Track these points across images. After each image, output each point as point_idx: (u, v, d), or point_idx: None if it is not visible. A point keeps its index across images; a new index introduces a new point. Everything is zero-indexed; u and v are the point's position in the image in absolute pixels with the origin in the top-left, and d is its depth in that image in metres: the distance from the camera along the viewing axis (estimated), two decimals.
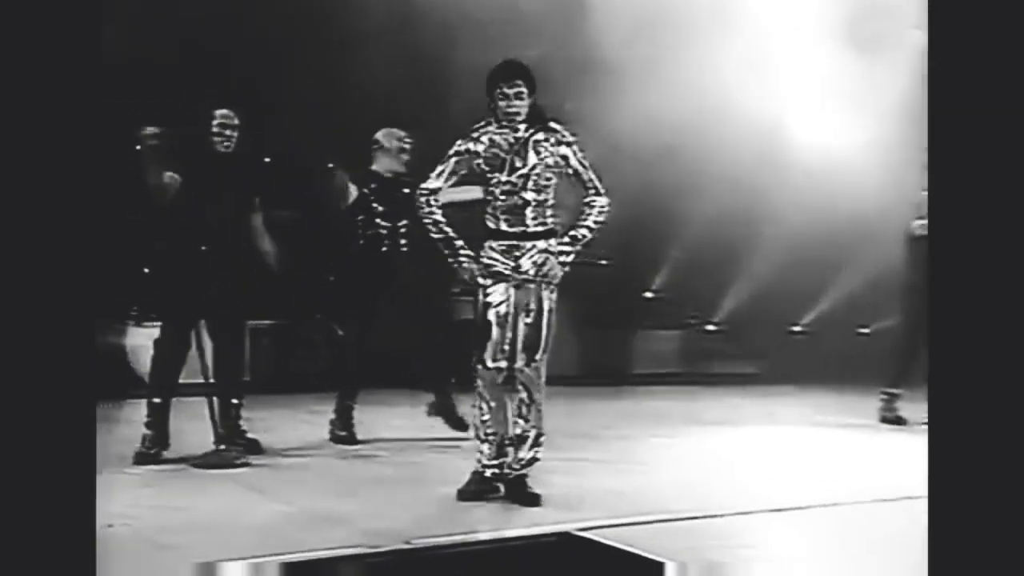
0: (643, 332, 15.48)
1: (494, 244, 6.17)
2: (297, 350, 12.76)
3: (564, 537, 5.19)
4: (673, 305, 15.71)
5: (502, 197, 6.14)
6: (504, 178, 6.12)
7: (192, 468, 7.07)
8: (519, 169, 6.14)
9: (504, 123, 6.13)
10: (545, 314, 6.18)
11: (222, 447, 7.31)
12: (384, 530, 5.34)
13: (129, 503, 5.97)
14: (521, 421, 6.23)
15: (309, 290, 12.55)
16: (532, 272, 6.11)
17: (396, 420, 9.57)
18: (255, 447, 7.72)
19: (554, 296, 6.21)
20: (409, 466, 7.37)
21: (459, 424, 8.50)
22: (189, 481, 6.80)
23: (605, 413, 11.19)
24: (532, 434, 6.26)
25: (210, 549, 4.89)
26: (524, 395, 6.22)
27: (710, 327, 15.99)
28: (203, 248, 7.43)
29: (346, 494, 6.33)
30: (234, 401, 7.60)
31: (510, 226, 6.14)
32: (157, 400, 7.54)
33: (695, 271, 15.22)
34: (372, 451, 8.00)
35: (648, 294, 15.84)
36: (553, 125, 6.19)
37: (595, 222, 6.15)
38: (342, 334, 11.01)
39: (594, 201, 6.20)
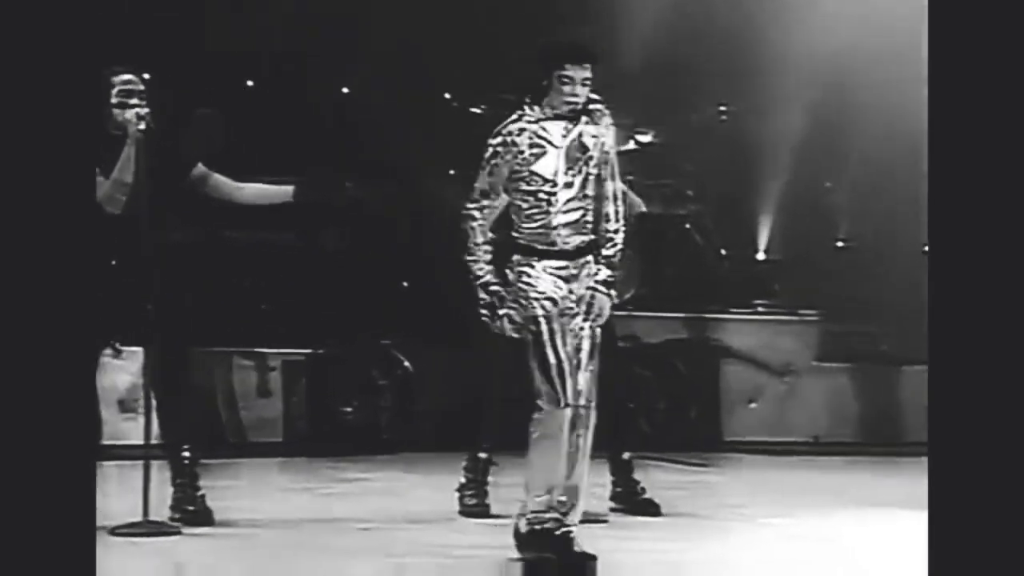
0: None
1: (548, 266, 6.21)
2: (347, 391, 11.95)
3: None
4: None
5: (563, 205, 6.19)
6: (565, 180, 6.17)
7: (110, 536, 6.86)
8: (577, 170, 6.20)
9: (559, 113, 6.18)
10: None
11: (177, 514, 7.30)
12: None
13: None
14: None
15: (371, 304, 12.31)
16: (582, 310, 6.27)
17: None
18: (205, 517, 7.41)
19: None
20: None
21: (650, 507, 8.03)
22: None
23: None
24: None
25: None
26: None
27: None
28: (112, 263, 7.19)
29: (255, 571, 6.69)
30: (185, 455, 7.38)
31: (565, 241, 6.23)
32: None
33: None
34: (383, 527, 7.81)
35: None
36: (594, 106, 6.28)
37: (624, 231, 6.36)
38: (409, 367, 11.79)
39: (622, 204, 6.40)
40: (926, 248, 14.36)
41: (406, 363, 11.71)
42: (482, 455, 7.94)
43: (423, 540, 7.17)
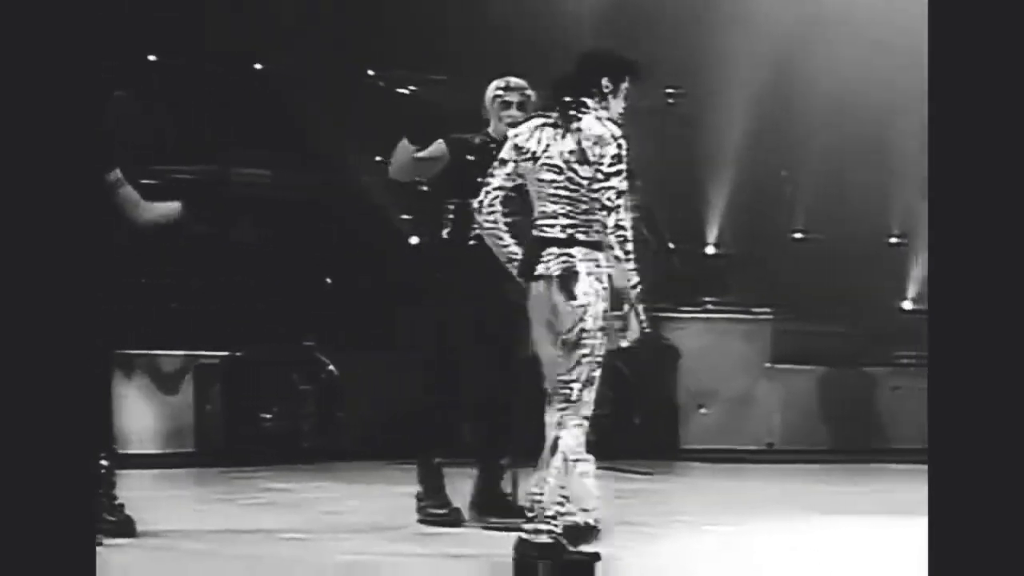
0: None
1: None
2: (266, 397, 11.83)
3: None
4: None
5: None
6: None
7: None
8: None
9: (612, 118, 6.58)
10: None
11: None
12: None
13: None
14: None
15: (292, 302, 12.30)
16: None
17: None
18: (126, 527, 7.65)
19: None
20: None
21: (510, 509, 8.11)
22: None
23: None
24: None
25: None
26: None
27: None
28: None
29: None
30: (102, 464, 7.63)
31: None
32: None
33: None
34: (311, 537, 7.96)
35: None
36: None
37: None
38: (334, 371, 11.83)
39: None
40: (891, 240, 14.56)
41: (330, 366, 11.71)
42: (435, 460, 7.97)
43: (354, 550, 7.27)
